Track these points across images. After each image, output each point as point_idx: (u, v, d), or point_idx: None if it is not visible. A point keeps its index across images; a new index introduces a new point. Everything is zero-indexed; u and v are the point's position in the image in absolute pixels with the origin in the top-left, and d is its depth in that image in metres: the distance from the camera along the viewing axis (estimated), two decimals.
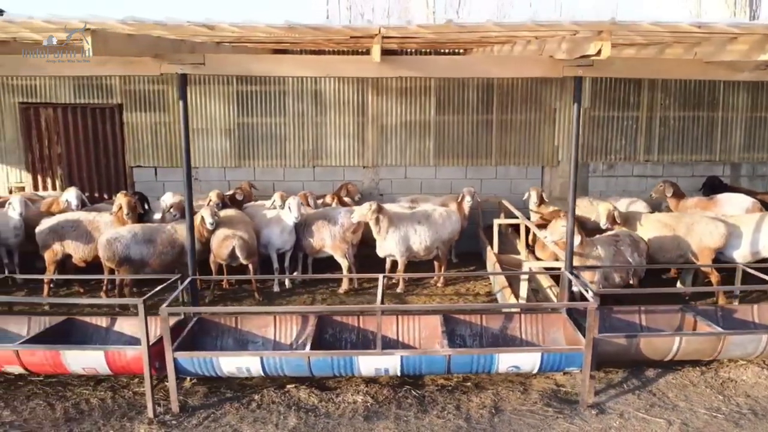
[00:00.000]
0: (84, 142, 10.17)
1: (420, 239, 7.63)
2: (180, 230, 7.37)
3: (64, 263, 7.73)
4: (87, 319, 5.47)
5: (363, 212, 7.41)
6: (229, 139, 10.11)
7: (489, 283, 8.08)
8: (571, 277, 5.66)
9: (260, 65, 5.31)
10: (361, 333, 5.52)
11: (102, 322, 5.44)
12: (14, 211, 7.83)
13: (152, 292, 5.08)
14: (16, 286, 8.15)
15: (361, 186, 10.01)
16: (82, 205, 8.46)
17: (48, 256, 7.58)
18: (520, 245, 8.01)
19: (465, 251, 9.38)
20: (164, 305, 4.64)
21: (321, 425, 4.61)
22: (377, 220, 7.42)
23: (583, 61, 5.10)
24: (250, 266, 7.36)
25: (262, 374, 4.84)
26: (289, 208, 7.47)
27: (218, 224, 7.36)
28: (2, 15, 5.76)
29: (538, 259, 7.10)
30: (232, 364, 4.72)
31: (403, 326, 5.49)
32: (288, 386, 5.18)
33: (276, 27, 4.46)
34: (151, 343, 4.61)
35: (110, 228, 7.52)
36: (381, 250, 7.68)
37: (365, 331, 5.51)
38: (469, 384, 5.31)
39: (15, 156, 10.21)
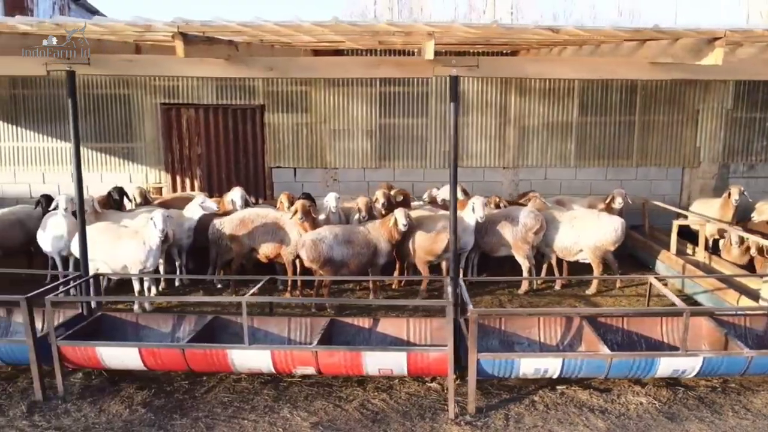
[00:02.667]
0: (224, 143, 10.20)
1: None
2: (373, 231, 7.39)
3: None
4: (349, 320, 5.48)
5: None
6: (370, 140, 10.13)
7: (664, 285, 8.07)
8: None
9: (535, 67, 5.33)
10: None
11: (365, 323, 5.45)
12: (192, 213, 7.86)
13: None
14: (183, 286, 8.23)
15: (500, 186, 10.03)
16: (246, 205, 8.49)
17: (236, 251, 7.65)
18: (699, 248, 8.00)
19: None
20: (472, 307, 4.66)
21: (632, 426, 4.63)
22: None
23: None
24: (443, 264, 7.39)
25: (558, 375, 4.85)
26: (473, 208, 7.48)
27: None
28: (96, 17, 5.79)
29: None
30: (531, 365, 4.73)
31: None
32: (558, 387, 5.21)
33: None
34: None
35: (295, 229, 7.56)
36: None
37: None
38: (733, 385, 5.32)
39: (154, 157, 10.24)
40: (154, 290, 7.77)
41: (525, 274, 7.86)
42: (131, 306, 7.03)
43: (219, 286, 8.26)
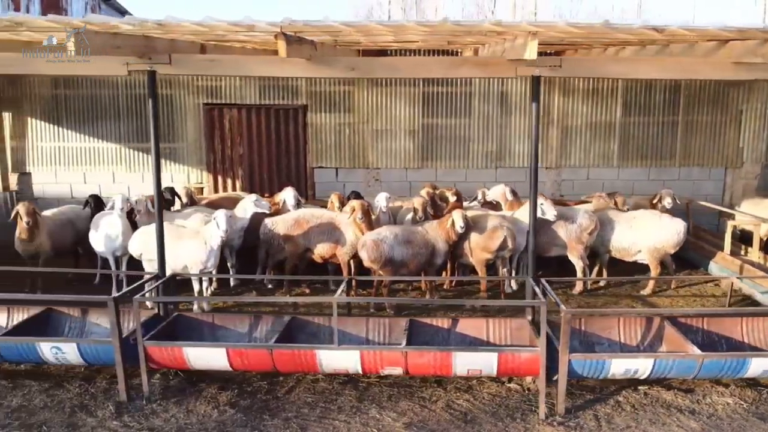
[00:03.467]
0: (266, 143, 10.20)
1: None
2: (431, 231, 7.38)
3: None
4: (428, 320, 5.48)
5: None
6: (412, 140, 10.12)
7: (716, 285, 8.08)
8: None
9: (618, 68, 5.33)
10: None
11: (444, 324, 5.44)
12: (245, 213, 7.85)
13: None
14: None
15: (543, 186, 10.00)
16: (297, 206, 8.48)
17: (290, 251, 7.65)
18: (753, 248, 7.98)
19: None
20: (564, 308, 4.65)
21: (726, 426, 4.62)
22: None
23: None
24: (503, 262, 7.38)
25: (647, 376, 4.84)
26: (543, 209, 7.46)
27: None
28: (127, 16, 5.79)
29: None
30: (622, 365, 4.73)
31: None
32: (640, 387, 5.20)
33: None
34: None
35: (350, 229, 7.56)
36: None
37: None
38: None
39: (196, 157, 10.24)
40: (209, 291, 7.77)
41: (579, 274, 7.86)
42: (190, 306, 7.03)
43: (270, 286, 8.26)
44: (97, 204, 8.79)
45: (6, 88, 10.15)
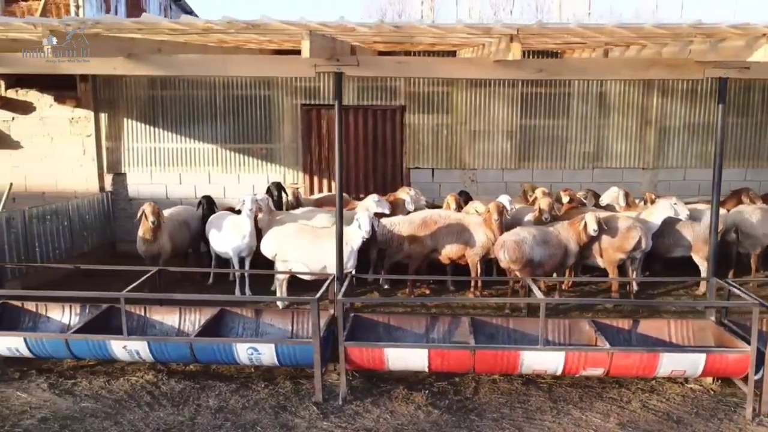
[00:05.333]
0: (363, 144, 10.21)
1: None
2: (563, 232, 7.40)
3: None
4: (608, 321, 5.49)
5: None
6: (510, 140, 10.13)
7: None
8: None
9: None
10: None
11: (625, 324, 5.45)
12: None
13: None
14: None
15: (639, 187, 10.01)
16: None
17: (416, 251, 7.67)
18: None
19: None
20: None
21: None
22: None
23: None
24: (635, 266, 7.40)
25: None
26: (676, 210, 7.47)
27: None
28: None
29: None
30: None
31: None
32: None
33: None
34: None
35: (480, 230, 7.57)
36: None
37: None
38: None
39: (292, 157, 10.26)
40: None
41: (703, 275, 7.86)
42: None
43: (386, 286, 8.27)
44: (209, 205, 8.81)
45: (102, 89, 10.16)
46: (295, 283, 7.35)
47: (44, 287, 6.91)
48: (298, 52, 8.37)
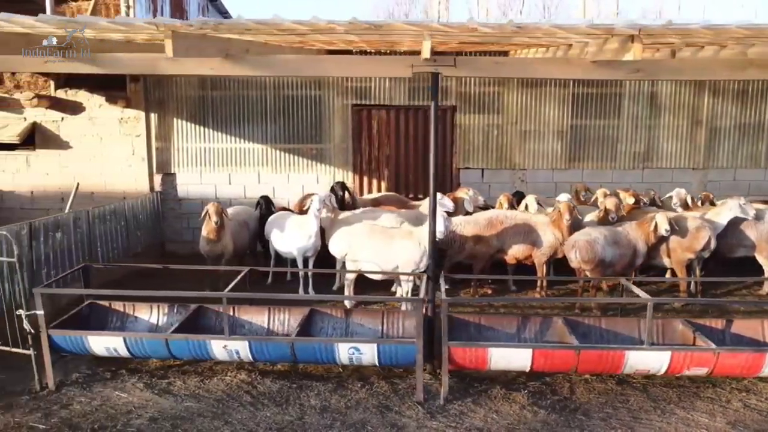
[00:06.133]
0: (413, 144, 10.22)
1: None
2: (632, 232, 7.41)
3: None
4: (701, 321, 5.50)
5: None
6: (560, 141, 10.14)
7: None
8: None
9: None
10: None
11: (717, 324, 5.47)
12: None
13: None
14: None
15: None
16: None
17: (481, 252, 7.69)
18: None
19: None
20: None
21: None
22: None
23: None
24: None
25: None
26: (744, 209, 7.48)
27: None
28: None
29: None
30: None
31: None
32: None
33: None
34: None
35: (548, 230, 7.59)
36: None
37: None
38: None
39: (342, 157, 10.27)
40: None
41: None
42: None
43: (447, 286, 8.26)
44: (267, 206, 8.83)
45: (152, 90, 10.18)
46: (359, 282, 7.35)
47: (106, 286, 6.94)
48: (349, 52, 8.43)
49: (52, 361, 5.19)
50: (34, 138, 10.39)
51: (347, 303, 7.26)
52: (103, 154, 10.35)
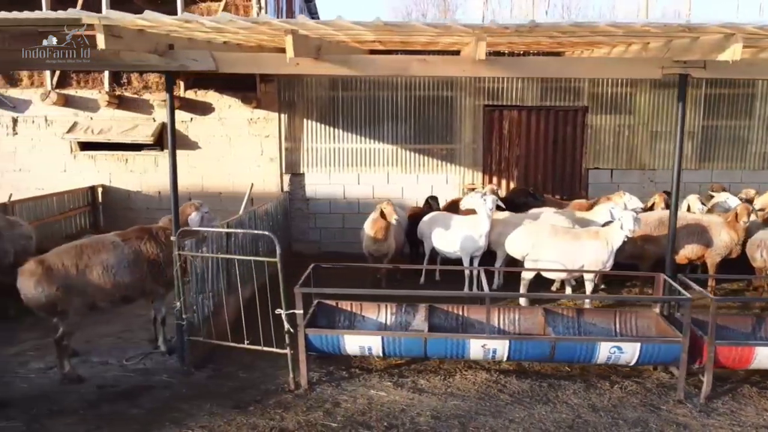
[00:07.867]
0: (543, 144, 10.27)
1: None
2: None
3: None
4: None
5: None
6: (690, 141, 10.19)
7: None
8: None
9: None
10: None
11: None
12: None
13: None
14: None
15: None
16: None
17: (651, 252, 7.74)
18: None
19: None
20: None
21: None
22: None
23: None
24: None
25: None
26: None
27: None
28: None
29: None
30: None
31: None
32: None
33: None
34: None
35: (723, 231, 7.63)
36: None
37: None
38: None
39: (471, 158, 10.32)
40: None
41: None
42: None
43: (602, 286, 8.34)
44: (436, 206, 8.92)
45: (283, 91, 10.23)
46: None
47: None
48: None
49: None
50: (161, 138, 10.45)
51: (522, 301, 7.32)
52: (231, 155, 10.41)
